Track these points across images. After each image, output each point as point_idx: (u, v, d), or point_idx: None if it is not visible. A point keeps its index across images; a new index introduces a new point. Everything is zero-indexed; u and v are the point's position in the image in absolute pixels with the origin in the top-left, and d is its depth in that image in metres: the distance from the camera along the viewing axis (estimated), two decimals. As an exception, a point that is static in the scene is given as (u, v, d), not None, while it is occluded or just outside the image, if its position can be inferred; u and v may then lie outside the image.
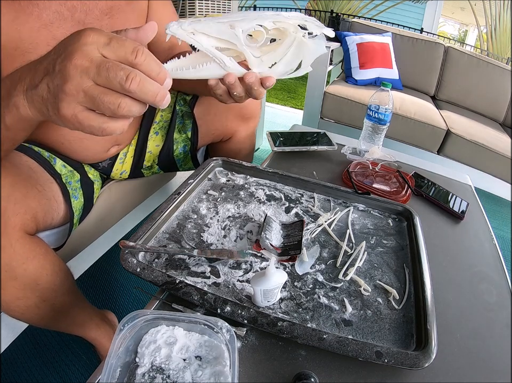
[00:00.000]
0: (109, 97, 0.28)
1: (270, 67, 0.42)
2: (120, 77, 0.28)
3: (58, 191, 0.59)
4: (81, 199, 0.64)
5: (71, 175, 0.63)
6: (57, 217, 0.58)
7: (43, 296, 0.53)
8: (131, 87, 0.28)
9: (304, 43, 0.41)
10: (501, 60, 3.73)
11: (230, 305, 0.44)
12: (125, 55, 0.28)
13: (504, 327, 0.51)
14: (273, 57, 0.42)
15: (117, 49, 0.28)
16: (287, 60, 0.42)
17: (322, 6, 5.56)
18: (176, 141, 0.80)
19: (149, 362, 0.39)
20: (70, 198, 0.60)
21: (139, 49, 0.29)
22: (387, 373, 0.42)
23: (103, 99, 0.28)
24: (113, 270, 1.08)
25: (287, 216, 0.66)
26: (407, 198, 0.77)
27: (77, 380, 0.78)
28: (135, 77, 0.28)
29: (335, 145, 0.94)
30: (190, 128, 0.79)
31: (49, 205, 0.55)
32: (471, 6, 5.23)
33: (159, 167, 0.81)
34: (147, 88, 0.29)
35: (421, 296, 0.50)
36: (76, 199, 0.62)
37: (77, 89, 0.28)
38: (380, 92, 0.89)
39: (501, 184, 1.73)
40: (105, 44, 0.28)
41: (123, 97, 0.29)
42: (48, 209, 0.55)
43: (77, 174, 0.66)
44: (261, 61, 0.42)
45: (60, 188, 0.59)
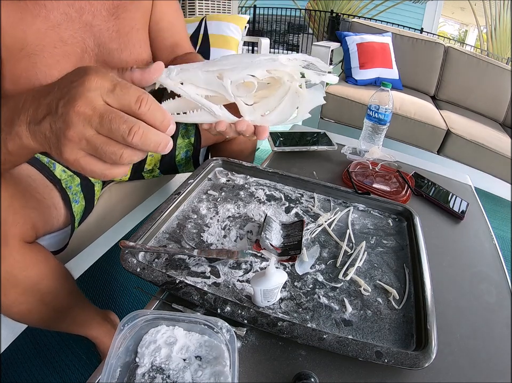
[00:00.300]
0: (112, 148, 0.28)
1: (263, 115, 0.39)
2: (122, 130, 0.27)
3: (58, 198, 0.59)
4: (82, 203, 0.64)
5: (71, 179, 0.63)
6: (57, 223, 0.58)
7: (44, 300, 0.54)
8: (133, 141, 0.28)
9: (299, 93, 0.39)
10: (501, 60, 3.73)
11: (230, 305, 0.44)
12: (129, 104, 0.28)
13: (504, 327, 0.51)
14: (266, 106, 0.39)
15: (121, 97, 0.28)
16: (280, 110, 0.39)
17: (322, 6, 5.56)
18: (179, 146, 0.80)
19: (149, 362, 0.39)
20: (71, 203, 0.60)
21: (143, 98, 0.28)
22: (387, 373, 0.42)
23: (105, 150, 0.28)
24: (113, 270, 1.08)
25: (287, 216, 0.66)
26: (407, 198, 0.77)
27: (77, 380, 0.78)
28: (138, 130, 0.28)
29: (335, 145, 0.94)
30: (193, 134, 0.79)
31: (49, 213, 0.56)
32: (471, 6, 5.23)
33: (160, 171, 0.82)
34: (149, 139, 0.29)
35: (421, 296, 0.50)
36: (77, 203, 0.62)
37: (80, 137, 0.28)
38: (380, 92, 0.89)
39: (501, 184, 1.73)
40: (109, 91, 0.28)
41: (125, 147, 0.29)
42: (48, 217, 0.55)
43: (78, 178, 0.65)
44: (253, 109, 0.39)
45: (60, 194, 0.59)
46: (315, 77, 0.39)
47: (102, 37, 0.58)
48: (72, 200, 0.61)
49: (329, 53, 1.84)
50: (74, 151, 0.28)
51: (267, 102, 0.39)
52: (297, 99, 0.39)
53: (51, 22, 0.51)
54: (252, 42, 4.46)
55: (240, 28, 1.81)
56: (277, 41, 6.48)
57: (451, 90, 2.18)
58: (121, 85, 0.28)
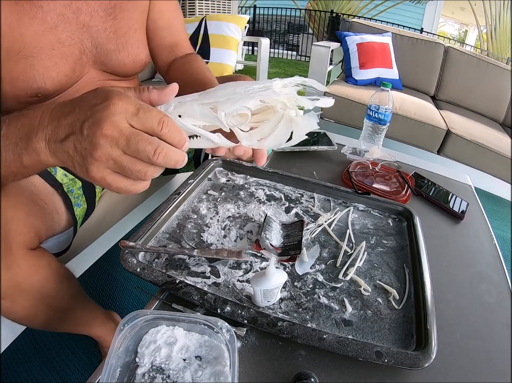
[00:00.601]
0: (138, 166, 0.31)
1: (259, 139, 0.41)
2: (148, 151, 0.30)
3: (60, 202, 0.58)
4: (84, 206, 0.64)
5: (72, 183, 0.63)
6: (58, 227, 0.58)
7: (49, 303, 0.54)
8: (158, 160, 0.31)
9: (293, 120, 0.40)
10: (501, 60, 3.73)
11: (230, 305, 0.44)
12: (152, 126, 0.30)
13: (504, 327, 0.51)
14: (261, 132, 0.41)
15: (145, 120, 0.30)
16: (275, 135, 0.40)
17: (322, 6, 5.56)
18: None
19: (149, 362, 0.39)
20: (73, 207, 0.60)
21: (164, 120, 0.31)
22: (387, 373, 0.42)
23: (131, 168, 0.31)
24: (113, 270, 1.08)
25: (287, 216, 0.66)
26: (407, 198, 0.77)
27: (77, 380, 0.78)
28: (161, 151, 0.31)
29: (335, 145, 0.94)
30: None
31: (51, 218, 0.56)
32: (471, 6, 5.23)
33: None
34: (171, 158, 0.32)
35: (421, 296, 0.50)
36: (79, 207, 0.62)
37: (107, 157, 0.30)
38: (380, 92, 0.89)
39: (501, 184, 1.73)
40: (133, 114, 0.30)
41: (149, 165, 0.32)
42: (50, 222, 0.55)
43: (79, 181, 0.65)
44: (250, 135, 0.40)
45: (62, 198, 0.59)
46: (308, 104, 0.40)
47: (100, 38, 0.57)
48: (74, 204, 0.61)
49: (329, 53, 1.84)
50: (100, 169, 0.31)
51: (262, 129, 0.40)
52: (291, 126, 0.40)
53: (48, 24, 0.51)
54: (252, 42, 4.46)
55: (240, 28, 1.81)
56: (277, 41, 6.48)
57: (451, 90, 2.18)
58: (143, 108, 0.31)
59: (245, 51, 4.03)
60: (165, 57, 0.71)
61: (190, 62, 0.69)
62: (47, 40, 0.51)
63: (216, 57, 1.73)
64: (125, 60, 0.62)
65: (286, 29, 6.61)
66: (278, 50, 6.05)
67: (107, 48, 0.59)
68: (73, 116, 0.31)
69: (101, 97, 0.31)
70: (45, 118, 0.33)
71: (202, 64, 0.68)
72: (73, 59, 0.55)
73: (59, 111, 0.33)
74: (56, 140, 0.32)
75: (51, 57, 0.52)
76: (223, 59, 1.74)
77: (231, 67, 1.77)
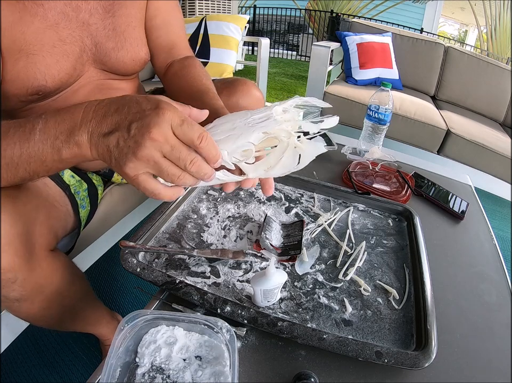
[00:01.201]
0: (174, 170, 0.35)
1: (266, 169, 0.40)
2: (186, 160, 0.34)
3: (69, 203, 0.59)
4: (88, 208, 0.65)
5: (79, 185, 0.63)
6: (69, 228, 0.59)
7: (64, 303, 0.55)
8: (191, 169, 0.35)
9: (298, 147, 0.39)
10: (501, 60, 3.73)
11: (230, 305, 0.44)
12: (192, 139, 0.34)
13: (504, 327, 0.51)
14: (267, 163, 0.40)
15: (188, 132, 0.33)
16: (282, 164, 0.39)
17: (322, 6, 5.56)
18: None
19: (149, 362, 0.39)
20: (78, 208, 0.60)
21: (204, 135, 0.34)
22: (387, 373, 0.42)
23: (169, 171, 0.34)
24: (113, 270, 1.08)
25: (287, 216, 0.66)
26: (407, 198, 0.77)
27: (77, 380, 0.78)
28: (196, 162, 0.34)
29: (335, 145, 0.94)
30: None
31: (65, 219, 0.57)
32: (471, 6, 5.23)
33: None
34: (202, 170, 0.35)
35: (421, 296, 0.50)
36: (83, 209, 0.63)
37: (149, 158, 0.33)
38: (380, 92, 0.89)
39: (501, 184, 1.73)
40: (178, 125, 0.33)
41: (183, 171, 0.35)
42: (64, 223, 0.56)
43: (85, 183, 0.65)
44: (256, 167, 0.40)
45: (69, 200, 0.59)
46: (312, 128, 0.38)
47: (99, 36, 0.57)
48: (79, 206, 0.61)
49: (329, 53, 1.84)
50: (137, 168, 0.34)
51: (268, 159, 0.40)
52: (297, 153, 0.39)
53: (50, 21, 0.51)
54: (252, 42, 4.46)
55: (240, 28, 1.81)
56: (277, 41, 6.47)
57: (451, 90, 2.17)
58: (187, 122, 0.34)
59: (245, 51, 4.03)
60: (163, 58, 0.70)
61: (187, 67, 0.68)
62: (48, 37, 0.51)
63: (216, 57, 1.73)
64: (124, 59, 0.62)
65: (286, 29, 6.61)
66: (278, 50, 6.04)
67: (106, 46, 0.59)
68: (121, 115, 0.34)
69: (152, 103, 0.34)
70: (88, 113, 0.35)
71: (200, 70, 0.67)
72: (74, 57, 0.55)
73: (103, 107, 0.35)
74: (100, 134, 0.34)
75: (53, 55, 0.52)
76: (223, 59, 1.74)
77: (231, 67, 1.77)
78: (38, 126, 0.36)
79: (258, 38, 1.78)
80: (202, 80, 0.63)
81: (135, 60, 0.64)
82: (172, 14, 0.69)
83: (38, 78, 0.51)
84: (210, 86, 0.61)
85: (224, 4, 2.64)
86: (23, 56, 0.49)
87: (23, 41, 0.49)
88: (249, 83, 0.73)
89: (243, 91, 0.70)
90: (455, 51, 2.12)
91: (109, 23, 0.58)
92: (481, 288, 0.58)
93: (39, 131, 0.35)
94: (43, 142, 0.35)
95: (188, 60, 0.70)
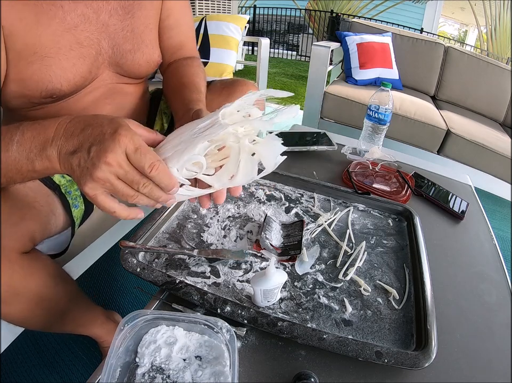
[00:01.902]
0: (128, 191, 0.37)
1: (230, 178, 0.38)
2: (139, 183, 0.37)
3: (57, 203, 0.58)
4: (82, 207, 0.63)
5: (70, 184, 0.62)
6: (55, 229, 0.58)
7: (46, 305, 0.54)
8: (144, 191, 0.37)
9: (252, 150, 0.36)
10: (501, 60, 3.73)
11: (230, 305, 0.44)
12: (143, 167, 0.36)
13: (504, 327, 0.51)
14: (228, 171, 0.38)
15: (140, 160, 0.35)
16: (242, 171, 0.37)
17: (322, 6, 5.56)
18: None
19: (149, 362, 0.39)
20: (70, 208, 0.60)
21: (154, 165, 0.36)
22: (387, 373, 0.42)
23: (123, 191, 0.37)
24: (113, 270, 1.08)
25: (287, 216, 0.66)
26: (407, 198, 0.77)
27: (78, 380, 0.78)
28: (148, 185, 0.37)
29: (335, 145, 0.94)
30: None
31: (47, 220, 0.55)
32: (471, 6, 5.23)
33: None
34: (154, 194, 0.38)
35: (421, 296, 0.50)
36: (76, 208, 0.62)
37: (105, 180, 0.35)
38: (380, 92, 0.89)
39: (501, 184, 1.73)
40: (131, 152, 0.35)
41: (137, 192, 0.37)
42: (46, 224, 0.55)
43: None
44: (218, 177, 0.39)
45: (60, 200, 0.58)
46: (265, 125, 0.36)
47: (117, 38, 0.57)
48: (71, 205, 0.60)
49: (329, 53, 1.84)
50: (95, 188, 0.36)
51: (227, 168, 0.38)
52: (252, 157, 0.37)
53: (68, 24, 0.50)
54: (252, 42, 4.46)
55: (240, 28, 1.81)
56: (277, 41, 6.48)
57: (451, 90, 2.17)
58: (140, 150, 0.35)
59: (245, 51, 4.03)
60: (168, 57, 0.70)
61: (185, 65, 0.68)
62: (66, 40, 0.50)
63: (216, 57, 1.73)
64: (140, 61, 0.62)
65: (286, 29, 6.61)
66: (278, 50, 6.04)
67: (123, 48, 0.58)
68: (84, 135, 0.36)
69: (112, 128, 0.35)
70: (60, 130, 0.37)
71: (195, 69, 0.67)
72: (90, 60, 0.54)
73: (73, 126, 0.37)
74: (66, 152, 0.36)
75: (69, 58, 0.51)
76: (223, 59, 1.74)
77: (231, 67, 1.77)
78: (16, 137, 0.37)
79: (258, 38, 1.78)
80: (191, 76, 0.64)
81: (150, 62, 0.64)
82: (183, 14, 0.69)
83: (53, 81, 0.51)
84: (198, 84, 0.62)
85: (224, 4, 2.64)
86: (37, 59, 0.49)
87: (38, 44, 0.48)
88: (248, 83, 0.73)
89: (242, 91, 0.70)
90: (455, 51, 2.12)
91: (128, 24, 0.58)
92: (481, 288, 0.58)
93: (16, 142, 0.37)
94: (19, 153, 0.37)
95: (188, 60, 0.70)
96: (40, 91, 0.51)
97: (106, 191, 0.37)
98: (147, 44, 0.62)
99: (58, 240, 0.61)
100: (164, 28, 0.67)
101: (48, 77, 0.50)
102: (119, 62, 0.59)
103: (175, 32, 0.68)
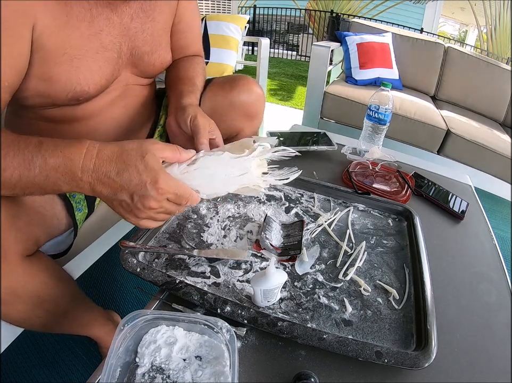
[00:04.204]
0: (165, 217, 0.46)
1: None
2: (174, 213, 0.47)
3: (60, 206, 0.58)
4: (85, 211, 0.64)
5: None
6: (58, 231, 0.58)
7: (47, 307, 0.54)
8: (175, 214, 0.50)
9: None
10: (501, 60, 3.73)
11: (230, 305, 0.44)
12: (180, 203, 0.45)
13: (504, 327, 0.51)
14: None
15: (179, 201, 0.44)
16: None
17: (322, 6, 5.56)
18: None
19: (149, 362, 0.39)
20: (74, 212, 0.60)
21: (188, 200, 0.45)
22: (387, 373, 0.42)
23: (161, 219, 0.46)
24: (113, 270, 1.08)
25: (287, 216, 0.66)
26: (407, 198, 0.77)
27: (78, 380, 0.78)
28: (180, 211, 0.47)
29: (335, 145, 0.94)
30: None
31: (51, 224, 0.55)
32: (471, 6, 5.23)
33: None
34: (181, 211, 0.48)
35: (421, 296, 0.50)
36: (80, 212, 0.62)
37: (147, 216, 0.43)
38: (380, 92, 0.89)
39: (501, 184, 1.73)
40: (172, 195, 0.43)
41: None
42: (50, 229, 0.55)
43: None
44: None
45: (64, 203, 0.58)
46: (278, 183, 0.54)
47: (137, 40, 0.58)
48: (75, 209, 0.60)
49: (329, 53, 1.84)
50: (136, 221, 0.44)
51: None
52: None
53: (95, 28, 0.51)
54: (252, 42, 4.46)
55: (240, 28, 1.81)
56: (277, 41, 6.48)
57: (451, 90, 2.17)
58: (178, 193, 0.43)
59: (245, 51, 4.02)
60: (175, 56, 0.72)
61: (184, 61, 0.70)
62: (93, 43, 0.51)
63: (216, 57, 1.73)
64: (156, 62, 0.63)
65: (286, 29, 6.61)
66: (278, 50, 6.04)
67: (141, 50, 0.60)
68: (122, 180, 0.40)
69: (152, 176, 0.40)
70: (89, 165, 0.40)
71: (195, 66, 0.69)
72: (113, 63, 0.56)
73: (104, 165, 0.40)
74: (102, 192, 0.41)
75: (96, 61, 0.52)
76: (223, 59, 1.74)
77: (231, 67, 1.77)
78: (37, 161, 0.38)
79: (258, 38, 1.78)
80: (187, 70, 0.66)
81: (163, 63, 0.66)
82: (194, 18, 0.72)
83: (81, 83, 0.51)
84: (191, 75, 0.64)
85: (224, 4, 2.64)
86: (66, 60, 0.49)
87: (68, 45, 0.48)
88: (250, 79, 0.73)
89: (244, 85, 0.71)
90: (455, 51, 2.12)
91: (149, 27, 0.59)
92: (481, 288, 0.58)
93: (39, 167, 0.38)
94: (44, 178, 0.39)
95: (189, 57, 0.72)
96: (67, 93, 0.51)
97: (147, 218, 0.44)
98: (164, 46, 0.64)
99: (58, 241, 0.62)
100: (175, 31, 0.69)
101: (77, 79, 0.50)
102: (136, 63, 0.61)
103: (184, 35, 0.71)
